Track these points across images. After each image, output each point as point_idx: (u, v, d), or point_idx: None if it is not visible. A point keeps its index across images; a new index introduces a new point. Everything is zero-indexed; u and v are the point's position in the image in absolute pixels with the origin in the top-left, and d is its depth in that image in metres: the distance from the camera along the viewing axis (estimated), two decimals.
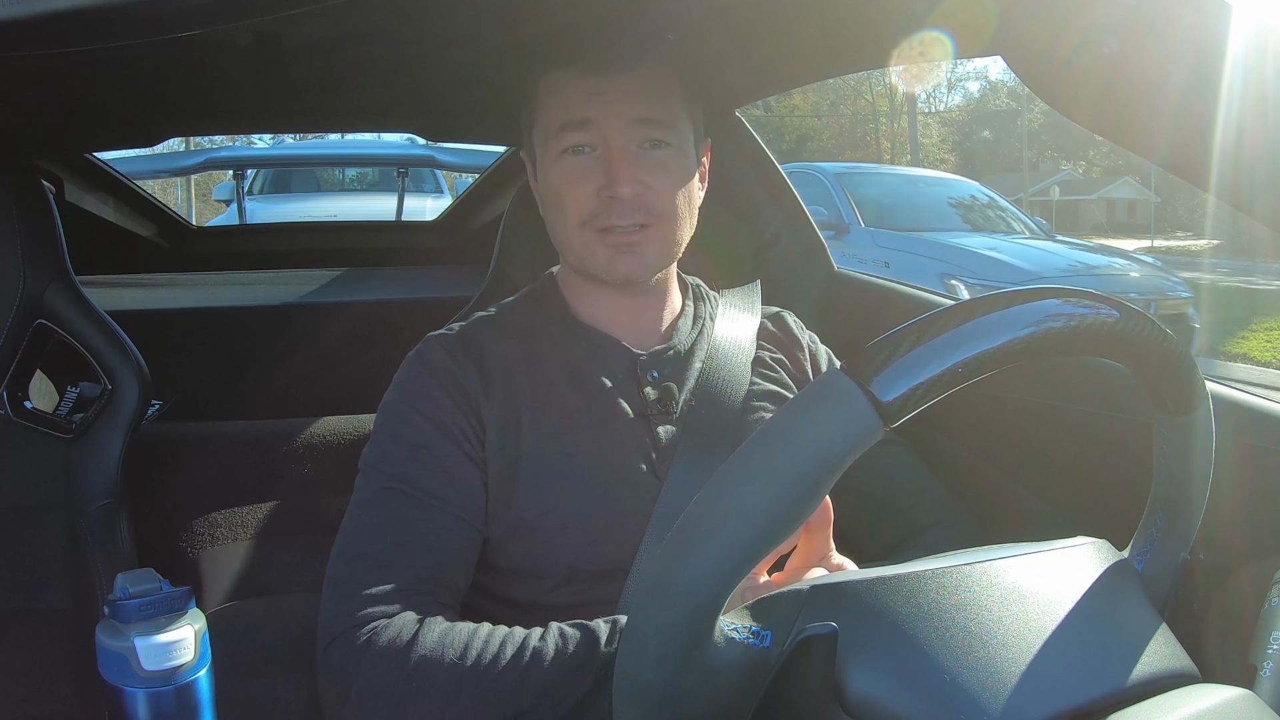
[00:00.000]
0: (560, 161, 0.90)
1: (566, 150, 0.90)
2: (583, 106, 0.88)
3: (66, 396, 1.42)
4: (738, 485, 0.44)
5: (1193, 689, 0.51)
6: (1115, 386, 0.95)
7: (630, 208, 0.88)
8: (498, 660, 0.74)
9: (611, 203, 0.88)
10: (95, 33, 0.70)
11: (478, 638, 0.76)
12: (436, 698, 0.73)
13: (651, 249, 0.91)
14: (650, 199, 0.89)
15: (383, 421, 0.90)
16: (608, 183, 0.88)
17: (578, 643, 0.74)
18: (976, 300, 0.47)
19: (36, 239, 1.15)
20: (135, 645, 0.66)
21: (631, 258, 0.90)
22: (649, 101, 0.90)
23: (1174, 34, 0.62)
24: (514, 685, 0.73)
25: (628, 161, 0.88)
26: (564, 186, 0.90)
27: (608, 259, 0.90)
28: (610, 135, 0.88)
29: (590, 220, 0.89)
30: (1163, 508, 0.60)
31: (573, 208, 0.90)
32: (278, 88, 1.19)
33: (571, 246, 0.92)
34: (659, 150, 0.90)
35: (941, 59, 0.96)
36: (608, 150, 0.88)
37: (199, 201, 11.51)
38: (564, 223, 0.91)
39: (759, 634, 0.48)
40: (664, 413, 0.92)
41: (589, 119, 0.88)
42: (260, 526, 1.37)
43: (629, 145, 0.89)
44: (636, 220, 0.89)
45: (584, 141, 0.89)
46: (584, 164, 0.89)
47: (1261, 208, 0.63)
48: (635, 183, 0.88)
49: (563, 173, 0.90)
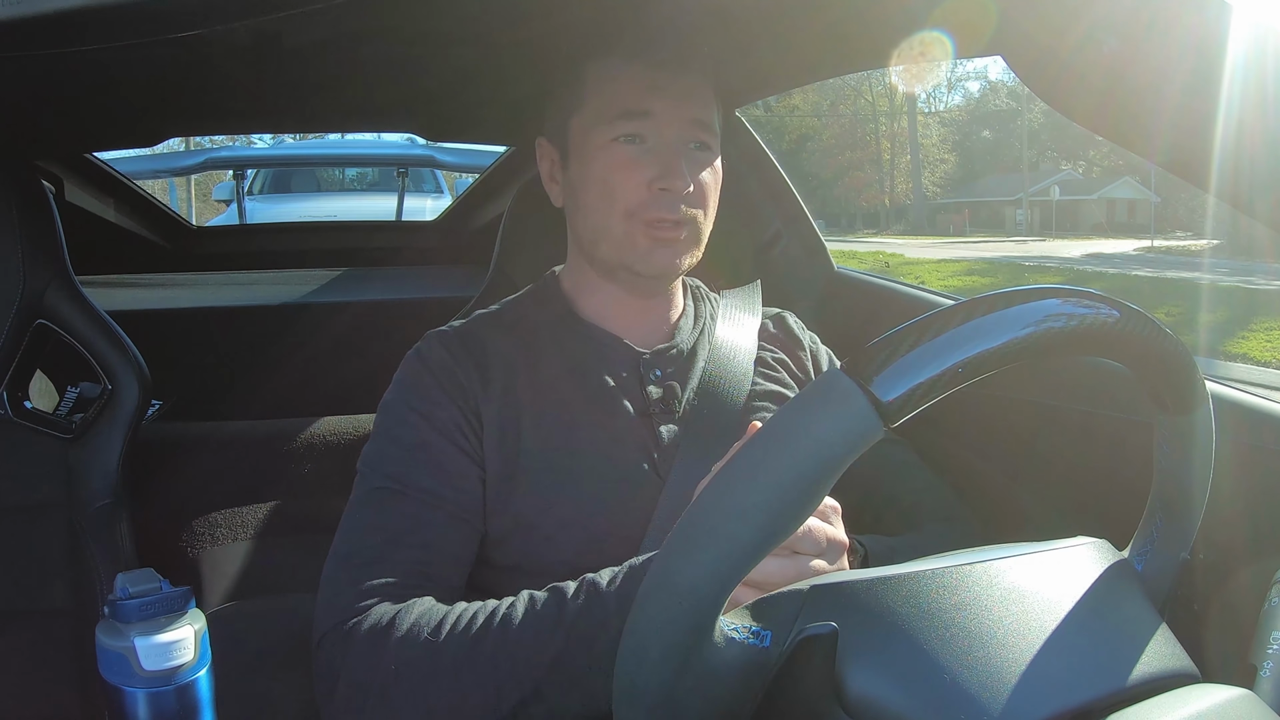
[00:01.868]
0: (610, 150, 0.90)
1: (619, 138, 0.90)
2: (645, 97, 0.90)
3: (66, 396, 1.43)
4: (738, 485, 0.44)
5: (1193, 689, 0.51)
6: (1116, 386, 0.95)
7: (678, 202, 0.89)
8: (469, 629, 0.74)
9: (663, 195, 0.89)
10: (95, 33, 0.70)
11: (452, 613, 0.76)
12: (416, 677, 0.73)
13: (684, 245, 0.92)
14: (695, 197, 0.91)
15: (381, 420, 0.91)
16: (662, 174, 0.89)
17: (545, 602, 0.75)
18: (976, 300, 0.47)
19: (36, 239, 1.15)
20: (135, 645, 0.66)
21: (669, 252, 0.91)
22: (702, 104, 0.92)
23: (1174, 34, 0.62)
24: (488, 652, 0.73)
25: (681, 156, 0.90)
26: (613, 174, 0.90)
27: (648, 249, 0.91)
28: (666, 130, 0.90)
29: (639, 211, 0.90)
30: (1163, 508, 0.60)
31: (621, 196, 0.90)
32: (278, 88, 1.19)
33: (610, 235, 0.92)
34: (703, 152, 0.92)
35: (941, 59, 0.96)
36: (663, 144, 0.90)
37: (199, 201, 11.51)
38: (609, 210, 0.91)
39: (759, 634, 0.48)
40: (667, 411, 0.92)
41: (651, 110, 0.90)
42: (260, 526, 1.37)
43: (682, 141, 0.91)
44: (680, 216, 0.90)
45: (639, 131, 0.90)
46: (636, 154, 0.90)
47: (1261, 208, 0.63)
48: (688, 179, 0.89)
49: (612, 160, 0.90)
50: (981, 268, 17.30)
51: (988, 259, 19.95)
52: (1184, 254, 21.28)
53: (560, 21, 0.97)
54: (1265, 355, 7.62)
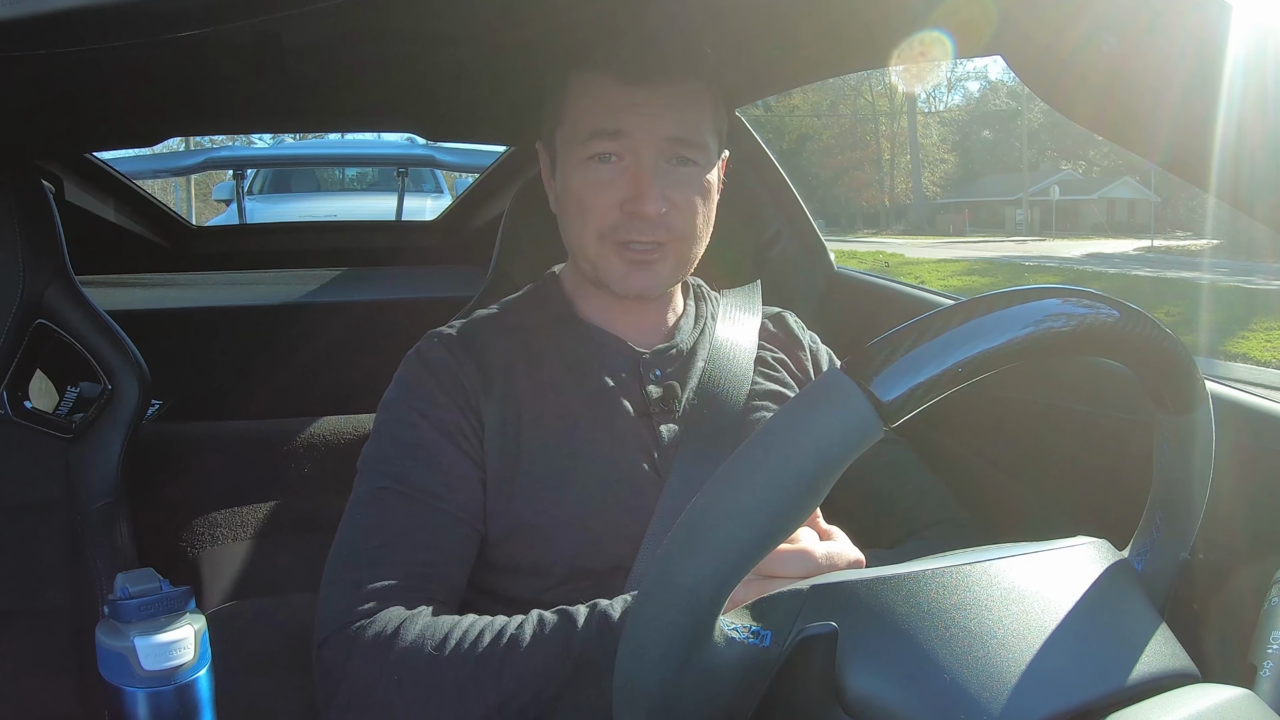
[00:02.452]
0: (584, 167, 0.89)
1: (593, 157, 0.88)
2: (618, 116, 0.87)
3: (66, 396, 1.43)
4: (738, 485, 0.44)
5: (1193, 689, 0.51)
6: (1115, 386, 0.95)
7: (652, 225, 0.87)
8: (476, 648, 0.74)
9: (634, 218, 0.87)
10: (95, 33, 0.70)
11: (459, 628, 0.76)
12: (419, 690, 0.73)
13: (666, 266, 0.90)
14: (672, 218, 0.88)
15: (381, 420, 0.91)
16: (633, 197, 0.86)
17: (554, 627, 0.74)
18: (977, 300, 0.47)
19: (36, 239, 1.15)
20: (135, 645, 0.66)
21: (646, 274, 0.89)
22: (682, 119, 0.88)
23: (1174, 34, 0.62)
24: (493, 672, 0.73)
25: (656, 178, 0.87)
26: (586, 193, 0.89)
27: (623, 273, 0.89)
28: (641, 149, 0.87)
29: (610, 233, 0.88)
30: (1163, 508, 0.60)
31: (593, 217, 0.88)
32: (278, 88, 1.19)
33: (586, 255, 0.91)
34: (685, 168, 0.89)
35: (941, 59, 0.96)
36: (636, 163, 0.87)
37: (199, 201, 11.50)
38: (582, 230, 0.90)
39: (759, 634, 0.48)
40: (667, 411, 0.92)
41: (622, 130, 0.87)
42: (260, 526, 1.37)
43: (658, 161, 0.88)
44: (656, 238, 0.88)
45: (613, 150, 0.88)
46: (609, 174, 0.88)
47: (1261, 208, 0.63)
48: (661, 201, 0.87)
49: (586, 179, 0.89)
50: (981, 268, 17.30)
51: (988, 259, 19.94)
52: (1184, 254, 21.26)
53: (559, 23, 0.97)
54: (1265, 355, 7.62)
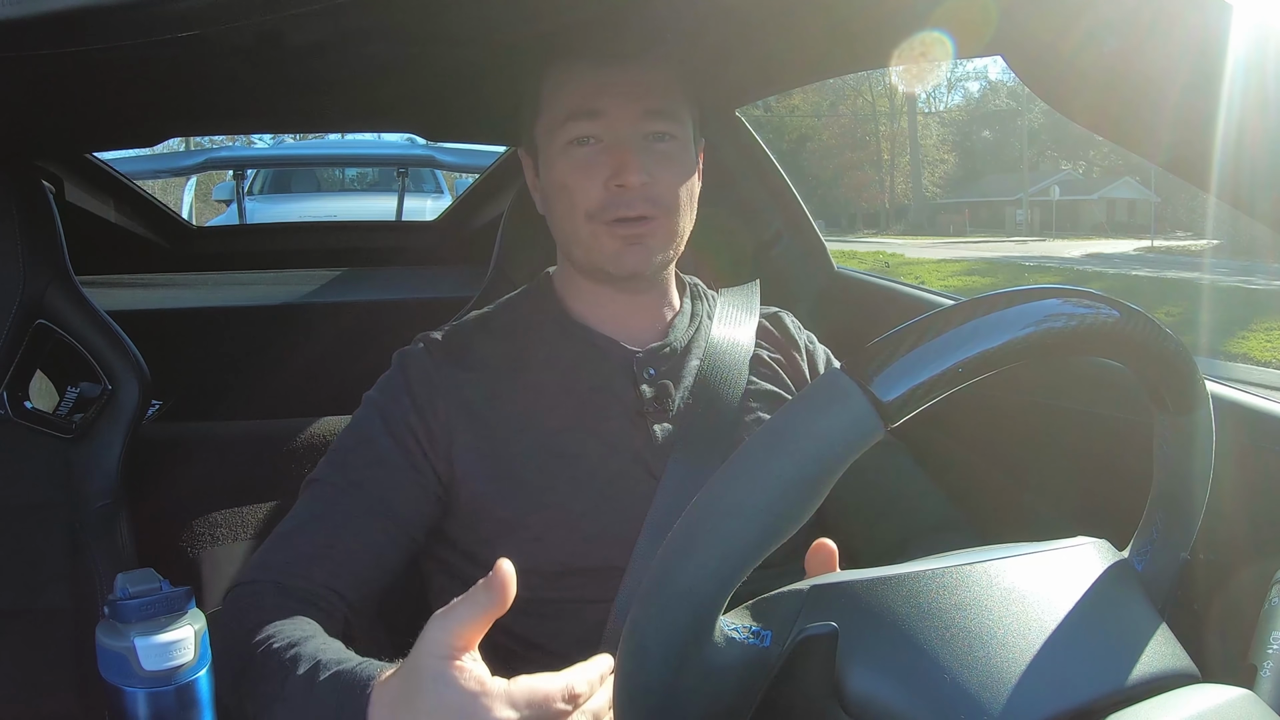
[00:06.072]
0: (566, 153, 0.91)
1: (573, 141, 0.90)
2: (592, 97, 0.89)
3: (66, 396, 1.42)
4: (738, 484, 0.44)
5: (1193, 689, 0.50)
6: (1116, 386, 0.95)
7: (637, 198, 0.89)
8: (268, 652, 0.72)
9: (620, 193, 0.89)
10: (95, 33, 0.70)
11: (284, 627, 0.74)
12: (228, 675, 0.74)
13: (656, 242, 0.91)
14: (656, 190, 0.90)
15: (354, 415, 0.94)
16: (616, 172, 0.88)
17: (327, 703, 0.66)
18: (976, 300, 0.47)
19: (36, 239, 1.15)
20: (135, 645, 0.66)
21: (639, 250, 0.91)
22: (656, 94, 0.91)
23: (1174, 33, 0.63)
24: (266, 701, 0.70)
25: (635, 151, 0.89)
26: (571, 178, 0.90)
27: (616, 251, 0.90)
28: (618, 125, 0.89)
29: (599, 212, 0.90)
30: (1163, 508, 0.60)
31: (580, 200, 0.90)
32: (278, 88, 1.19)
33: (579, 240, 0.92)
34: (664, 143, 0.91)
35: (941, 59, 0.96)
36: (616, 140, 0.89)
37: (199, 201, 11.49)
38: (571, 215, 0.91)
39: (759, 634, 0.48)
40: (660, 411, 0.92)
41: (597, 109, 0.89)
42: (260, 526, 1.37)
43: (636, 136, 0.90)
44: (642, 212, 0.89)
45: (591, 133, 0.90)
46: (591, 155, 0.90)
47: (1261, 208, 0.63)
48: (643, 172, 0.88)
49: (569, 164, 0.90)
50: (981, 268, 17.30)
51: (988, 259, 19.96)
52: (1184, 254, 21.27)
53: (560, 23, 0.97)
54: (1265, 355, 7.62)
